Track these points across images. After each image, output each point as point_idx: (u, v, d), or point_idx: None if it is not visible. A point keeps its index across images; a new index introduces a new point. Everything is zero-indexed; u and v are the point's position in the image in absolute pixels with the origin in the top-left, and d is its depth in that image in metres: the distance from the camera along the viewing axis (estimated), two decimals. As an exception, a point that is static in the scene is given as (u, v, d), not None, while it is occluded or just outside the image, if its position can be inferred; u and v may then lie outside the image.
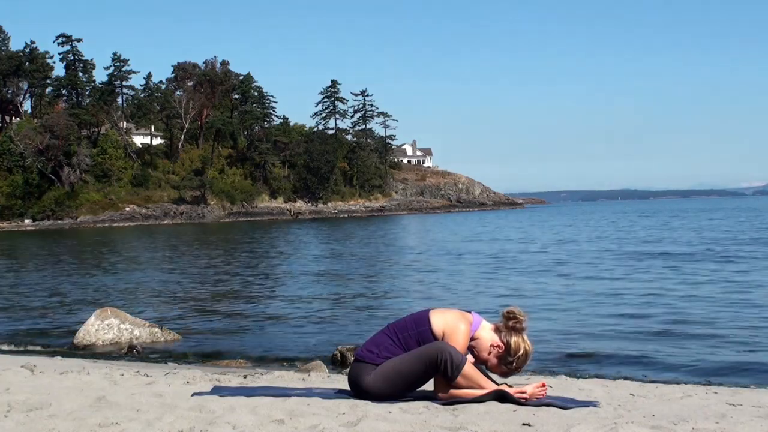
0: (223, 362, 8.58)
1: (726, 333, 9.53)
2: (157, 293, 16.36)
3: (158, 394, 4.84)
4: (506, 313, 4.60)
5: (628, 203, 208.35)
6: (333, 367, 7.90)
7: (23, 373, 6.06)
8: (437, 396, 4.45)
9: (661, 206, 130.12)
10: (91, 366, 6.90)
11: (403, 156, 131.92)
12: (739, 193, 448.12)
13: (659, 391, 5.30)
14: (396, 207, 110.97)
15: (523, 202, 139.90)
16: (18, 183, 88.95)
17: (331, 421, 3.95)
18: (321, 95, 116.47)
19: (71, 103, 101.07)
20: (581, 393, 5.06)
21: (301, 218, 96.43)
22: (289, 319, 12.02)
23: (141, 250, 35.14)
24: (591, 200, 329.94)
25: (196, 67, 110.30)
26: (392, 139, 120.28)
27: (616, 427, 3.81)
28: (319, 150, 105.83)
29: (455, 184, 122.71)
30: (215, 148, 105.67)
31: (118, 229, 75.05)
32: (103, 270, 23.29)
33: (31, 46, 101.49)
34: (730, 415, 4.23)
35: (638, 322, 10.54)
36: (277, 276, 20.02)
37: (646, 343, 9.01)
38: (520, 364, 4.56)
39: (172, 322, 11.73)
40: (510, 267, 20.55)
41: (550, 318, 11.13)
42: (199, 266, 23.97)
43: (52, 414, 4.16)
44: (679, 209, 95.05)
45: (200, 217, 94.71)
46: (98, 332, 10.15)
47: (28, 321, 12.65)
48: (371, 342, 4.61)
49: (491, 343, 4.54)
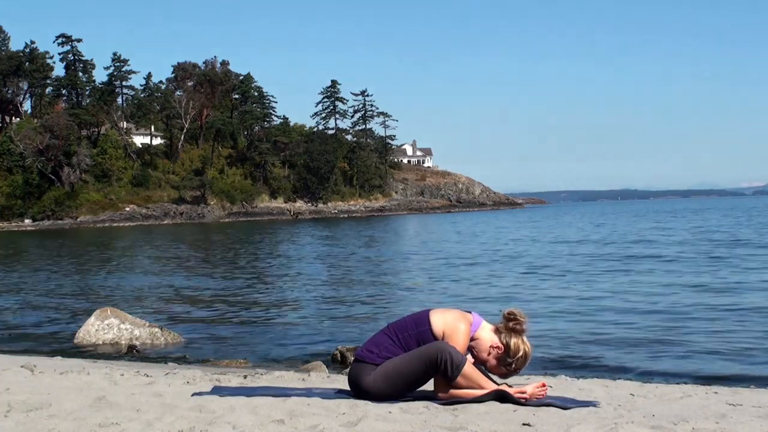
0: (223, 362, 8.57)
1: (726, 333, 9.53)
2: (157, 293, 16.36)
3: (158, 394, 4.84)
4: (507, 314, 4.60)
5: (627, 203, 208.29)
6: (333, 367, 7.89)
7: (23, 373, 6.06)
8: (437, 396, 4.45)
9: (658, 206, 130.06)
10: (91, 366, 6.90)
11: (403, 156, 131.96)
12: (739, 193, 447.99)
13: (659, 391, 5.30)
14: (396, 207, 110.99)
15: (523, 202, 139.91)
16: (18, 183, 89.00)
17: (331, 421, 3.95)
18: (321, 95, 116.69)
19: (71, 103, 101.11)
20: (581, 393, 5.06)
21: (301, 218, 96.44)
22: (289, 320, 12.02)
23: (141, 251, 35.14)
24: (591, 200, 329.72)
25: (196, 67, 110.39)
26: (392, 139, 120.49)
27: (616, 427, 3.81)
28: (319, 150, 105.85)
29: (455, 184, 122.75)
30: (215, 148, 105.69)
31: (118, 229, 75.06)
32: (103, 270, 23.29)
33: (31, 46, 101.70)
34: (730, 415, 4.23)
35: (638, 323, 10.53)
36: (277, 276, 20.02)
37: (646, 344, 9.00)
38: (519, 365, 4.56)
39: (172, 323, 11.74)
40: (509, 267, 20.55)
41: (550, 318, 11.13)
42: (199, 266, 23.97)
43: (52, 414, 4.16)
44: (677, 209, 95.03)
45: (200, 217, 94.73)
46: (98, 332, 10.15)
47: (29, 321, 12.65)
48: (371, 342, 4.61)
49: (491, 344, 4.54)
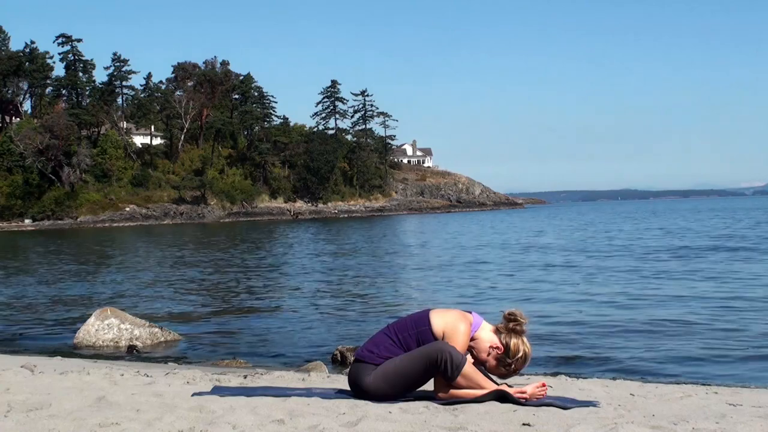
0: (223, 362, 8.57)
1: (726, 333, 9.53)
2: (157, 293, 16.36)
3: (158, 394, 4.84)
4: (507, 314, 4.60)
5: (627, 203, 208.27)
6: (333, 367, 7.89)
7: (23, 373, 6.06)
8: (437, 396, 4.45)
9: (656, 206, 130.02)
10: (91, 366, 6.89)
11: (403, 156, 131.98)
12: (739, 193, 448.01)
13: (659, 391, 5.29)
14: (396, 207, 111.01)
15: (523, 202, 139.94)
16: (18, 183, 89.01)
17: (331, 421, 3.95)
18: (321, 95, 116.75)
19: (71, 103, 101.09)
20: (581, 393, 5.06)
21: (301, 218, 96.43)
22: (290, 319, 12.01)
23: (141, 251, 35.14)
24: (591, 200, 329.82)
25: (196, 67, 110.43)
26: (392, 139, 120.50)
27: (616, 427, 3.81)
28: (319, 150, 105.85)
29: (455, 184, 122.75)
30: (215, 148, 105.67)
31: (118, 229, 75.05)
32: (103, 270, 23.29)
33: (31, 46, 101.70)
34: (730, 415, 4.23)
35: (638, 323, 10.53)
36: (277, 276, 20.02)
37: (646, 344, 9.00)
38: (518, 366, 4.55)
39: (172, 322, 11.73)
40: (508, 268, 20.55)
41: (550, 318, 11.13)
42: (199, 266, 23.96)
43: (52, 414, 4.16)
44: (676, 209, 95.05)
45: (200, 217, 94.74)
46: (98, 332, 10.14)
47: (29, 321, 12.64)
48: (371, 342, 4.61)
49: (490, 344, 4.54)
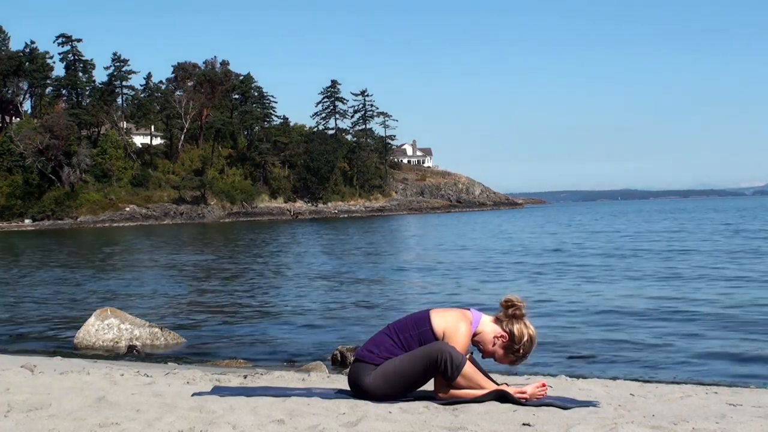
0: (223, 362, 8.57)
1: (726, 333, 9.53)
2: (157, 293, 16.36)
3: (158, 394, 4.84)
4: (504, 302, 4.60)
5: (627, 203, 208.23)
6: (333, 367, 7.89)
7: (23, 373, 6.06)
8: (437, 396, 4.45)
9: (655, 207, 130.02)
10: (91, 366, 6.89)
11: (403, 156, 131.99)
12: (739, 193, 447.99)
13: (659, 391, 5.29)
14: (396, 207, 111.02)
15: (522, 202, 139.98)
16: (18, 183, 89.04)
17: (331, 421, 3.95)
18: (321, 95, 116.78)
19: (71, 103, 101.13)
20: (581, 393, 5.06)
21: (301, 218, 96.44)
22: (290, 319, 12.01)
23: (141, 251, 35.13)
24: (591, 200, 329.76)
25: (196, 67, 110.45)
26: (392, 139, 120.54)
27: (616, 427, 3.81)
28: (319, 150, 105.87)
29: (455, 184, 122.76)
30: (215, 148, 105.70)
31: (118, 229, 75.04)
32: (103, 270, 23.29)
33: (31, 46, 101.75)
34: (730, 415, 4.23)
35: (638, 323, 10.53)
36: (277, 276, 20.02)
37: (646, 344, 9.00)
38: (526, 350, 4.54)
39: (172, 323, 11.73)
40: (507, 268, 20.55)
41: (550, 318, 11.12)
42: (199, 267, 23.96)
43: (52, 414, 4.16)
44: (676, 209, 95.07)
45: (200, 217, 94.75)
46: (98, 332, 10.14)
47: (29, 321, 12.64)
48: (371, 342, 4.60)
49: (494, 334, 4.53)
